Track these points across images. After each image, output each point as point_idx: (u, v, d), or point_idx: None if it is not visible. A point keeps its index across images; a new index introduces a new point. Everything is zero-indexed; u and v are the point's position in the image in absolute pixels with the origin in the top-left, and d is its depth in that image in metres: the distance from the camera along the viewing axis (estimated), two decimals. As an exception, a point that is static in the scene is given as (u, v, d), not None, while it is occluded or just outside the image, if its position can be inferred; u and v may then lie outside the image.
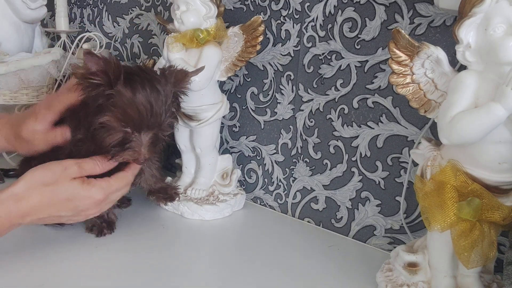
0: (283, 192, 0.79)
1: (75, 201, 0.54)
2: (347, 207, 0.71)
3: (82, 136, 0.58)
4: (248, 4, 0.78)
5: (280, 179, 0.79)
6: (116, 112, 0.53)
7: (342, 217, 0.72)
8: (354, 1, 0.66)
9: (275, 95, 0.77)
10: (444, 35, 0.58)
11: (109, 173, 0.58)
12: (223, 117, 0.79)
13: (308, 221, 0.76)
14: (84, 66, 0.52)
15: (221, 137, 0.86)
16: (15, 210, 0.52)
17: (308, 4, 0.70)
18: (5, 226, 0.52)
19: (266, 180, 0.82)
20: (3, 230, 0.53)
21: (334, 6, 0.68)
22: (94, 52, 0.52)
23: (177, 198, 0.70)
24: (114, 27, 1.06)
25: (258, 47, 0.71)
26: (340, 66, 0.68)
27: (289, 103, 0.76)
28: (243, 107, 0.82)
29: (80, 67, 0.53)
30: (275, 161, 0.80)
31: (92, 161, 0.56)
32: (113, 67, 0.52)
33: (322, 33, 0.70)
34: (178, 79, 0.59)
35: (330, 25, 0.69)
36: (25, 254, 0.59)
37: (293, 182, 0.78)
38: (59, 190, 0.53)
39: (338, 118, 0.70)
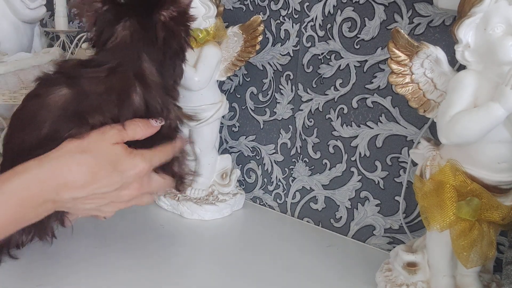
0: (283, 192, 0.79)
1: (118, 170, 0.45)
2: (346, 207, 0.71)
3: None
4: (248, 4, 0.78)
5: (279, 179, 0.79)
6: None
7: (341, 216, 0.72)
8: (354, 1, 0.66)
9: (274, 95, 0.77)
10: (443, 34, 0.58)
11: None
12: (223, 117, 0.78)
13: (307, 221, 0.76)
14: None
15: (221, 137, 0.86)
16: (48, 180, 0.42)
17: (307, 4, 0.70)
18: (36, 202, 0.42)
19: (265, 180, 0.82)
20: (34, 207, 0.43)
21: (334, 6, 0.68)
22: None
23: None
24: (113, 27, 1.06)
25: (258, 47, 0.71)
26: (340, 66, 0.68)
27: (288, 103, 0.76)
28: (243, 107, 0.82)
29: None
30: (274, 161, 0.80)
31: (133, 123, 0.47)
32: None
33: (321, 33, 0.70)
34: None
35: (329, 25, 0.69)
36: (24, 254, 0.59)
37: (292, 182, 0.78)
38: (100, 155, 0.44)
39: (337, 118, 0.70)
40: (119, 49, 0.50)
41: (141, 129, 0.47)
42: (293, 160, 0.77)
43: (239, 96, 0.82)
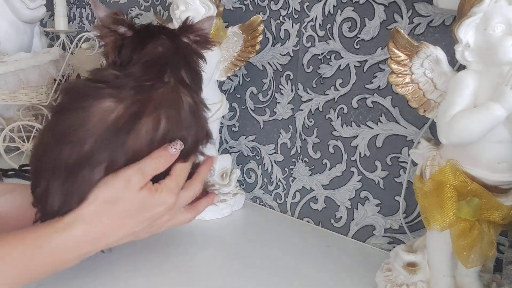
0: (283, 192, 0.79)
1: (147, 211, 0.48)
2: (346, 207, 0.71)
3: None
4: (248, 4, 0.78)
5: (279, 179, 0.79)
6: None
7: (341, 216, 0.72)
8: (354, 1, 0.65)
9: (274, 95, 0.77)
10: (443, 34, 0.58)
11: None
12: (222, 117, 0.78)
13: (307, 221, 0.76)
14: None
15: (221, 137, 0.86)
16: (84, 236, 0.45)
17: (307, 3, 0.70)
18: (74, 255, 0.45)
19: (265, 180, 0.82)
20: (72, 260, 0.46)
21: (334, 5, 0.68)
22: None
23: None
24: (113, 27, 1.06)
25: (258, 47, 0.71)
26: (340, 65, 0.68)
27: (288, 103, 0.76)
28: (243, 107, 0.82)
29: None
30: (274, 161, 0.80)
31: (152, 160, 0.47)
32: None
33: (321, 33, 0.70)
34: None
35: (329, 25, 0.69)
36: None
37: (292, 182, 0.78)
38: (128, 204, 0.46)
39: (337, 118, 0.70)
40: (156, 61, 0.49)
41: (162, 164, 0.47)
42: (293, 160, 0.77)
43: (239, 96, 0.82)
